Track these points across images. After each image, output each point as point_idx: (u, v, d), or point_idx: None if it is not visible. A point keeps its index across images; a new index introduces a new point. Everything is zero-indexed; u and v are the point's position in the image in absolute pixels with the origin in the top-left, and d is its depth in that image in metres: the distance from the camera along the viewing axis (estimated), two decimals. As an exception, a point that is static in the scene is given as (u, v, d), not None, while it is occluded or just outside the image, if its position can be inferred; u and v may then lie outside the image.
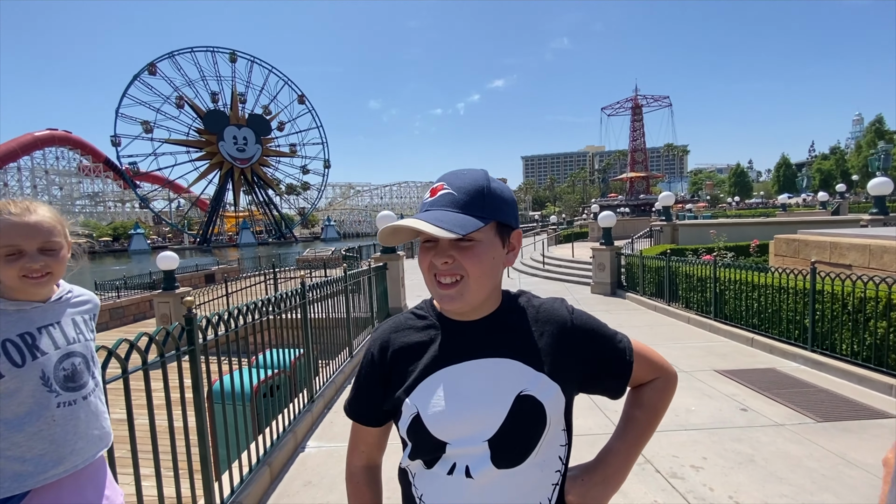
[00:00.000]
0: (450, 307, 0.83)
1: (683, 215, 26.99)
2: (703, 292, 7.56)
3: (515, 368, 0.81)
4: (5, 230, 1.19)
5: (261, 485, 2.98)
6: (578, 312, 0.90)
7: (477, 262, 0.78)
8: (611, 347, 0.89)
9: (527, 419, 0.79)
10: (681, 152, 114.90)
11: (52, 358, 1.25)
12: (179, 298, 10.37)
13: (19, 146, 74.97)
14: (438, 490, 0.82)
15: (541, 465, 0.82)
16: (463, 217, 0.76)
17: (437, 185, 0.83)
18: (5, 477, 1.16)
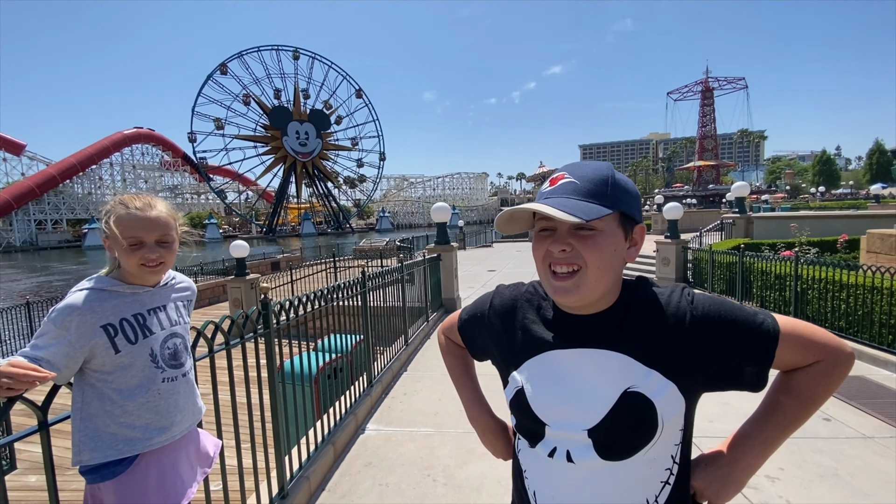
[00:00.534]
0: (564, 300, 0.79)
1: (758, 207, 24.89)
2: (781, 291, 6.96)
3: (625, 363, 0.77)
4: (131, 224, 1.33)
5: (325, 462, 3.15)
6: (701, 300, 0.79)
7: (597, 252, 0.75)
8: (744, 330, 0.76)
9: (633, 417, 0.76)
10: (757, 138, 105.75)
11: (158, 337, 1.41)
12: (249, 284, 11.15)
13: (111, 143, 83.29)
14: (541, 470, 0.84)
15: (650, 462, 0.78)
16: (586, 204, 0.74)
17: (556, 174, 0.80)
18: (119, 440, 1.33)
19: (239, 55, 74.26)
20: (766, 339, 0.76)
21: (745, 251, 8.06)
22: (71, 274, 36.29)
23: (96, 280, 1.37)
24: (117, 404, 1.33)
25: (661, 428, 0.76)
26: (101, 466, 1.33)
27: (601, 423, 0.76)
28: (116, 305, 1.35)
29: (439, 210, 9.09)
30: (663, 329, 0.78)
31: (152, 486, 1.38)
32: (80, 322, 1.26)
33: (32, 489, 4.28)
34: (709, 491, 0.85)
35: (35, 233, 72.96)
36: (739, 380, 0.79)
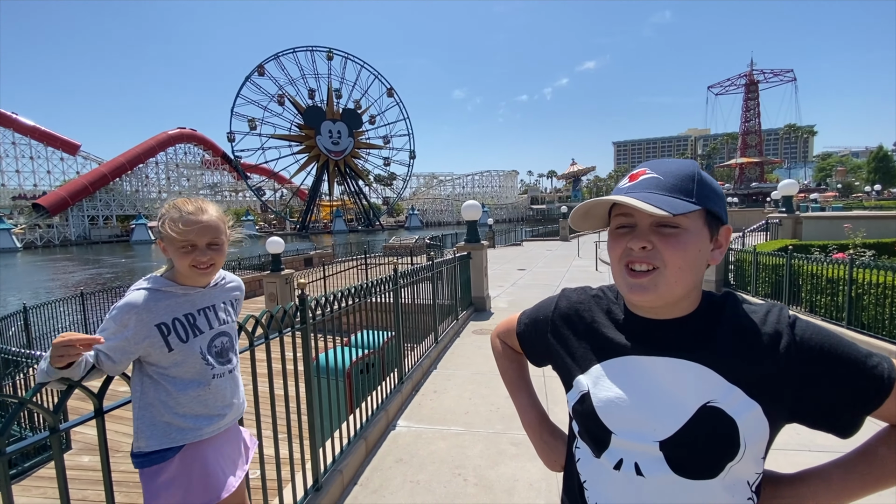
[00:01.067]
0: (639, 298, 0.74)
1: (806, 206, 23.56)
2: (833, 296, 6.54)
3: (706, 376, 0.71)
4: (183, 228, 1.40)
5: (357, 456, 3.19)
6: (803, 326, 0.72)
7: (680, 250, 0.71)
8: (852, 370, 0.69)
9: (712, 433, 0.70)
10: (805, 133, 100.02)
11: (207, 336, 1.50)
12: (284, 279, 11.48)
13: (157, 143, 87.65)
14: (605, 483, 0.79)
15: (731, 487, 0.72)
16: (672, 199, 0.70)
17: (637, 170, 0.77)
18: (172, 429, 1.42)
19: (275, 56, 76.45)
20: (877, 384, 0.68)
21: (793, 253, 7.64)
22: (119, 267, 38.46)
23: (153, 280, 1.45)
24: (171, 395, 1.42)
25: (744, 449, 0.70)
26: (152, 453, 1.41)
27: (675, 435, 0.71)
28: (170, 305, 1.43)
29: (470, 208, 9.05)
30: (754, 348, 0.72)
31: (197, 474, 1.45)
32: (137, 320, 1.36)
33: (85, 468, 4.55)
34: None
35: (88, 228, 77.73)
36: (830, 421, 0.72)
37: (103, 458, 1.38)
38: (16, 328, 9.00)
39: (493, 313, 8.37)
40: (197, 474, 1.45)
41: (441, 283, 6.51)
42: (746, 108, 55.12)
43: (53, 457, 1.23)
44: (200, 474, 1.46)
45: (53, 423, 1.17)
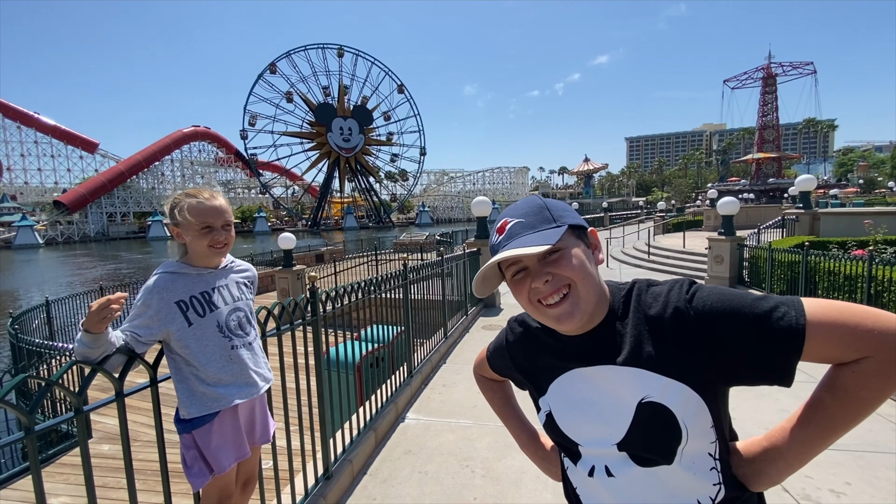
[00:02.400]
0: (568, 325, 0.79)
1: (826, 202, 23.02)
2: (851, 293, 6.42)
3: (634, 375, 0.77)
4: (202, 212, 1.59)
5: (367, 448, 3.25)
6: (701, 295, 0.75)
7: (576, 265, 0.77)
8: (757, 324, 0.70)
9: (655, 426, 0.75)
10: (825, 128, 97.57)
11: (223, 312, 1.65)
12: (296, 275, 11.61)
13: (172, 141, 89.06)
14: (588, 489, 0.87)
15: (691, 465, 0.76)
16: (542, 232, 0.77)
17: (500, 222, 0.83)
18: (208, 398, 1.59)
19: (287, 54, 76.92)
20: (787, 333, 0.68)
21: (809, 249, 7.50)
22: (136, 263, 39.29)
23: (168, 265, 1.62)
24: (200, 369, 1.59)
25: (686, 431, 0.74)
26: (193, 419, 1.59)
27: (626, 435, 0.78)
28: (186, 285, 1.59)
29: (480, 204, 9.06)
30: (661, 331, 0.76)
31: (230, 436, 1.65)
32: (158, 299, 1.53)
33: (106, 457, 4.70)
34: (743, 479, 0.82)
35: (106, 224, 79.47)
36: (762, 375, 0.72)
37: (124, 439, 1.44)
38: (39, 321, 9.28)
39: (502, 309, 8.38)
40: (230, 435, 1.64)
41: (451, 278, 6.55)
42: (764, 102, 53.90)
43: (78, 435, 1.29)
44: (233, 435, 1.65)
45: (78, 404, 1.23)
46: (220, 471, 1.63)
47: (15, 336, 7.52)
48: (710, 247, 10.19)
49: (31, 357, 6.88)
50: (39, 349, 6.88)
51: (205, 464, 1.62)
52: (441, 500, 2.76)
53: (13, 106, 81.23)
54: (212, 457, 1.61)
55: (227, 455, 1.64)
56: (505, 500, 2.73)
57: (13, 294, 25.21)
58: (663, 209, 31.14)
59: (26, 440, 1.11)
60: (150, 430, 5.11)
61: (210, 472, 1.63)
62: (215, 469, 1.62)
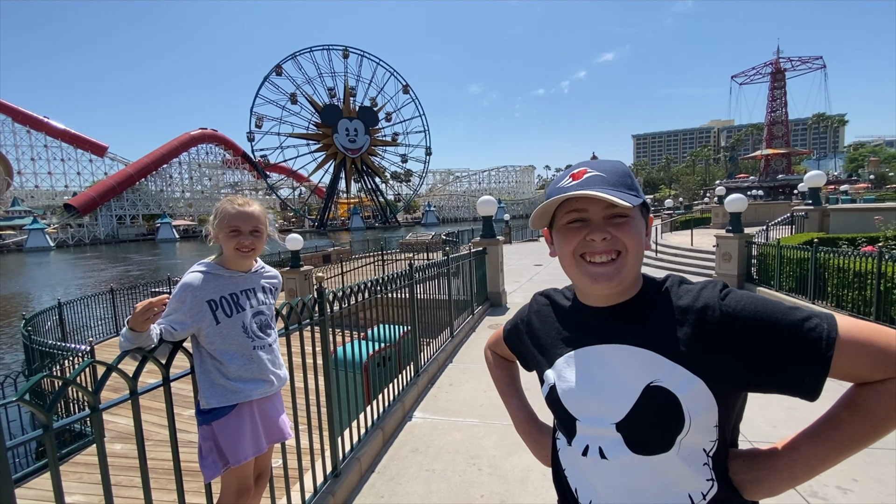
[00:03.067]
0: (605, 286, 0.79)
1: (835, 198, 22.73)
2: (861, 290, 6.35)
3: (648, 358, 0.77)
4: (232, 216, 1.71)
5: (374, 446, 3.28)
6: (735, 297, 0.75)
7: (636, 236, 0.79)
8: (787, 333, 0.69)
9: (659, 411, 0.75)
10: (835, 123, 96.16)
11: (248, 314, 1.77)
12: (304, 275, 11.69)
13: (179, 144, 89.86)
14: (579, 468, 0.86)
15: (686, 458, 0.76)
16: (622, 193, 0.77)
17: (578, 170, 0.82)
18: (228, 391, 1.70)
19: (292, 56, 77.38)
20: (817, 346, 0.68)
21: (818, 246, 7.42)
22: (146, 265, 39.69)
23: (205, 264, 1.74)
24: (223, 364, 1.70)
25: (689, 423, 0.74)
26: (212, 410, 1.69)
27: (627, 417, 0.77)
28: (217, 285, 1.71)
29: (485, 203, 9.06)
30: (689, 325, 0.76)
31: (247, 429, 1.75)
32: (192, 296, 1.65)
33: (118, 456, 4.78)
34: (740, 486, 0.81)
35: (116, 227, 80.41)
36: (785, 386, 0.72)
37: (138, 436, 1.48)
38: (51, 323, 9.42)
39: (508, 308, 8.38)
40: (248, 429, 1.74)
41: (457, 278, 6.56)
42: (772, 97, 53.31)
43: (94, 433, 1.32)
44: (251, 430, 1.75)
45: (94, 402, 1.27)
46: (237, 462, 1.70)
47: (28, 337, 7.65)
48: (717, 244, 10.11)
49: (45, 358, 7.00)
50: (52, 350, 7.00)
51: (219, 456, 1.70)
52: (448, 497, 2.78)
53: (23, 110, 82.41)
54: (230, 448, 1.69)
55: (244, 447, 1.72)
56: (512, 497, 2.75)
57: (26, 296, 25.61)
58: (671, 206, 30.92)
59: (45, 438, 1.14)
60: (160, 430, 5.19)
61: (223, 465, 1.71)
62: (232, 460, 1.70)
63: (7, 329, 16.62)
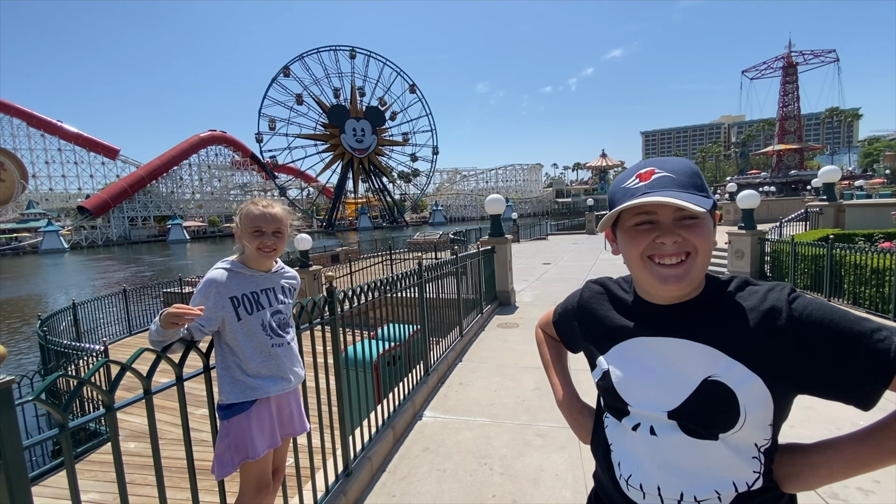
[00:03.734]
0: (675, 287, 0.80)
1: (850, 194, 22.34)
2: (878, 287, 6.23)
3: (707, 353, 0.79)
4: (255, 217, 1.77)
5: (385, 445, 3.28)
6: (804, 302, 0.76)
7: (706, 238, 0.79)
8: (856, 345, 0.71)
9: (714, 404, 0.77)
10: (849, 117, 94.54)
11: (267, 312, 1.81)
12: (312, 275, 11.75)
13: (189, 146, 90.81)
14: (626, 442, 0.88)
15: (736, 448, 0.78)
16: (693, 195, 0.77)
17: (645, 170, 0.82)
18: (247, 387, 1.75)
19: (300, 57, 77.72)
20: (883, 358, 0.69)
21: (834, 242, 7.29)
22: (157, 266, 40.21)
23: (229, 262, 1.80)
24: (243, 360, 1.75)
25: (744, 417, 0.76)
26: (233, 404, 1.73)
27: (681, 406, 0.79)
28: (240, 283, 1.76)
29: (493, 202, 9.03)
30: (753, 324, 0.77)
31: (266, 424, 1.80)
32: (216, 292, 1.71)
33: (131, 454, 4.83)
34: (778, 478, 0.83)
35: (128, 228, 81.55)
36: (843, 394, 0.74)
37: (153, 435, 1.49)
38: (66, 323, 9.58)
39: (517, 307, 8.35)
40: (266, 424, 1.79)
41: (465, 277, 6.54)
42: (784, 92, 52.46)
43: (109, 432, 1.33)
44: (269, 424, 1.80)
45: (109, 401, 1.27)
46: (254, 456, 1.75)
47: (44, 338, 7.78)
48: (730, 241, 9.98)
49: (60, 358, 7.11)
50: (67, 350, 7.11)
51: (235, 453, 1.75)
52: (460, 497, 2.76)
53: (37, 114, 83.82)
54: (249, 442, 1.74)
55: (261, 441, 1.78)
56: (524, 497, 2.73)
57: (41, 297, 26.07)
58: (680, 204, 30.45)
59: (61, 437, 1.15)
60: (172, 429, 5.24)
61: (239, 461, 1.76)
62: (250, 454, 1.75)
63: (24, 330, 16.93)
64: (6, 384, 1.02)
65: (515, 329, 6.84)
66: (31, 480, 1.06)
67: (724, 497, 0.78)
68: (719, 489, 0.78)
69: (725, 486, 0.78)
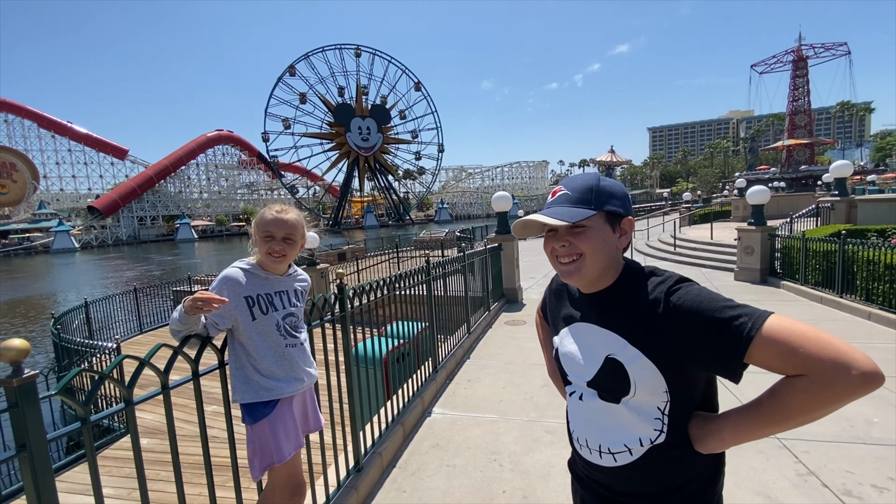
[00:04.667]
0: (569, 280, 1.05)
1: (863, 189, 22.01)
2: (892, 283, 6.14)
3: (609, 336, 0.99)
4: (267, 222, 1.78)
5: (395, 441, 3.30)
6: (681, 293, 0.91)
7: (589, 242, 0.98)
8: (714, 333, 0.85)
9: (612, 376, 0.98)
10: (861, 111, 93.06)
11: (280, 314, 1.83)
12: (320, 273, 11.80)
13: (197, 146, 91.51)
14: (572, 406, 1.13)
15: (637, 410, 0.97)
16: (575, 209, 0.98)
17: (556, 188, 1.05)
18: (261, 387, 1.75)
19: (305, 56, 77.90)
20: (734, 342, 0.83)
21: (846, 238, 7.20)
22: (166, 265, 40.60)
23: (246, 263, 1.82)
24: (257, 360, 1.75)
25: (635, 386, 0.95)
26: (254, 409, 1.74)
27: (594, 378, 1.02)
28: (255, 284, 1.78)
29: (500, 199, 9.01)
30: (640, 311, 0.95)
31: (290, 426, 1.82)
32: (230, 290, 1.71)
33: (146, 450, 4.87)
34: (692, 439, 0.98)
35: (137, 228, 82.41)
36: (714, 368, 0.90)
37: (170, 426, 1.51)
38: (79, 321, 9.71)
39: (524, 304, 8.34)
40: (290, 426, 1.82)
41: (472, 274, 6.55)
42: (794, 86, 51.72)
43: (128, 426, 1.35)
44: (293, 427, 1.83)
45: (128, 396, 1.29)
46: (280, 460, 1.77)
47: (57, 335, 7.90)
48: (739, 238, 9.88)
49: (73, 355, 7.21)
50: (80, 348, 7.21)
51: (261, 458, 1.77)
52: (470, 493, 2.78)
53: (47, 116, 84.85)
54: (274, 447, 1.76)
55: (286, 444, 1.80)
56: (534, 494, 2.74)
57: (54, 296, 26.45)
58: (688, 200, 30.33)
59: (83, 430, 1.17)
60: (185, 425, 5.30)
61: (262, 471, 1.79)
62: (276, 458, 1.77)
63: (37, 329, 17.19)
64: (31, 378, 1.04)
65: (523, 326, 6.84)
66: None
67: (633, 451, 0.98)
68: (627, 443, 0.99)
69: (632, 441, 0.98)
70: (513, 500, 2.69)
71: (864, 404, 3.71)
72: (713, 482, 1.01)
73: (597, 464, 1.04)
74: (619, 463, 1.00)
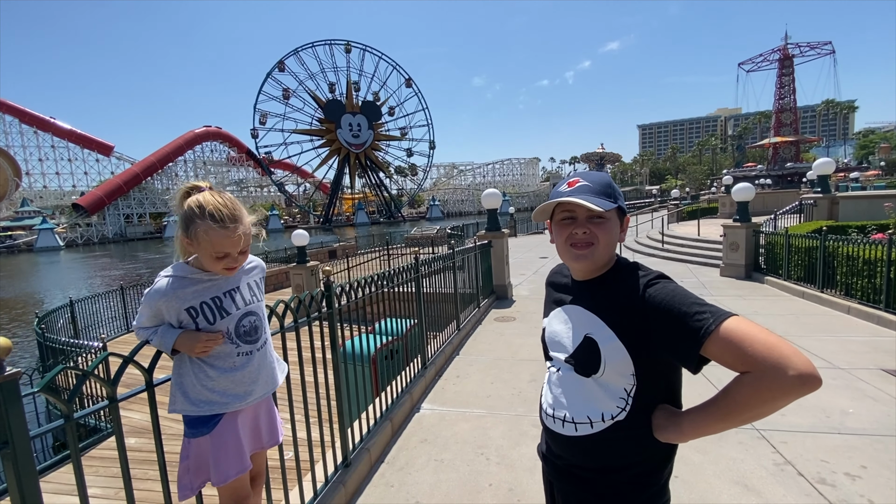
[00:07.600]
0: (581, 264, 1.12)
1: (846, 186, 22.44)
2: (870, 278, 6.29)
3: (591, 318, 1.09)
4: (220, 240, 1.46)
5: (384, 437, 3.33)
6: (656, 289, 1.00)
7: (607, 233, 1.09)
8: (678, 323, 0.94)
9: (587, 352, 1.08)
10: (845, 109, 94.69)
11: (234, 317, 1.57)
12: (310, 271, 11.76)
13: (185, 142, 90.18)
14: (548, 380, 1.23)
15: (605, 386, 1.07)
16: (601, 200, 1.07)
17: (572, 179, 1.12)
18: (202, 401, 1.53)
19: (294, 52, 77.14)
20: (693, 336, 0.92)
21: (827, 234, 7.36)
22: (154, 263, 40.03)
23: (178, 268, 1.53)
24: (202, 371, 1.53)
25: (604, 364, 1.05)
26: (195, 423, 1.53)
27: (573, 353, 1.11)
28: (196, 291, 1.51)
29: (490, 196, 9.05)
30: (620, 302, 1.05)
31: (231, 446, 1.57)
32: (166, 306, 1.47)
33: (132, 449, 4.86)
34: (653, 428, 1.07)
35: (124, 226, 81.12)
36: (675, 359, 0.99)
37: (154, 425, 1.52)
38: (63, 321, 9.57)
39: (514, 301, 8.40)
40: (232, 446, 1.57)
41: (462, 271, 6.58)
42: (780, 84, 52.43)
43: (112, 425, 1.36)
44: (234, 446, 1.58)
45: (112, 393, 1.30)
46: (221, 482, 1.56)
47: (42, 335, 7.79)
48: (724, 234, 10.04)
49: (58, 355, 7.13)
50: (65, 347, 7.12)
51: (194, 476, 1.58)
52: (457, 486, 2.82)
53: (30, 111, 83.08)
54: (213, 466, 1.56)
55: (229, 466, 1.57)
56: (520, 486, 2.78)
57: (38, 295, 25.97)
58: (676, 197, 30.66)
59: (66, 427, 1.18)
60: (172, 424, 5.28)
61: (195, 489, 1.61)
62: (214, 479, 1.56)
63: (20, 329, 16.89)
64: (14, 376, 1.05)
65: (512, 322, 6.89)
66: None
67: (594, 424, 1.07)
68: (591, 416, 1.08)
69: (595, 414, 1.07)
70: (499, 493, 2.73)
71: (841, 396, 3.82)
72: (659, 470, 1.09)
73: (559, 433, 1.13)
74: (580, 433, 1.09)
